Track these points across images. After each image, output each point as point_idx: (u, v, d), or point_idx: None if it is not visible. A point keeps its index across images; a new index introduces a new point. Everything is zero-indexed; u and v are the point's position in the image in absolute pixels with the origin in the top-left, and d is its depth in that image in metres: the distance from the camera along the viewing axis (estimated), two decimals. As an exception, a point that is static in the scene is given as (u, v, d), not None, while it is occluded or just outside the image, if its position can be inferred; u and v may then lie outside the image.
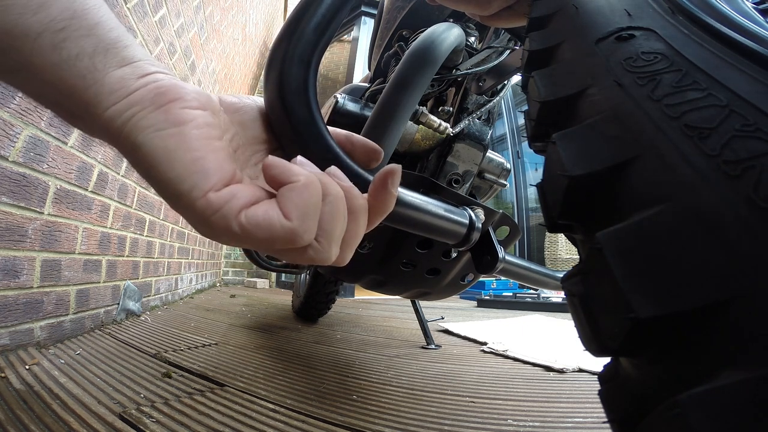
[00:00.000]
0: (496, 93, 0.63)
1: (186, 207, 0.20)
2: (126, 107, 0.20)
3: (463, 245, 0.43)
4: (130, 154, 0.20)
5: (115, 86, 0.20)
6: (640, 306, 0.13)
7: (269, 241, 0.19)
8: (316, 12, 0.26)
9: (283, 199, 0.20)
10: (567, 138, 0.20)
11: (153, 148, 0.19)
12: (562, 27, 0.26)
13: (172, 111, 0.20)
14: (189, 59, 1.80)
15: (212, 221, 0.19)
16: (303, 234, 0.20)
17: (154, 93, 0.20)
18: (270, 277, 3.34)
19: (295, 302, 1.58)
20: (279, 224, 0.19)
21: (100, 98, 0.20)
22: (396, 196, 0.24)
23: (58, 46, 0.19)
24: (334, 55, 4.32)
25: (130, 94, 0.20)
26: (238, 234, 0.19)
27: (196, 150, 0.20)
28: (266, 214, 0.19)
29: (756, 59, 0.17)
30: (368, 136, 0.43)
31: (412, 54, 0.44)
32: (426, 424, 0.59)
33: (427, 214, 0.39)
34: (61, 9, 0.19)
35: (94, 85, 0.20)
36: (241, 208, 0.19)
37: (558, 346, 1.17)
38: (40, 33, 0.19)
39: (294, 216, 0.19)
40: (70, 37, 0.19)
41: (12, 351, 0.76)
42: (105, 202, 1.15)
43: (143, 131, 0.19)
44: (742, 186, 0.13)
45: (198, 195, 0.19)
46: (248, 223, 0.19)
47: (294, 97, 0.25)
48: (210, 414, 0.57)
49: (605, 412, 0.17)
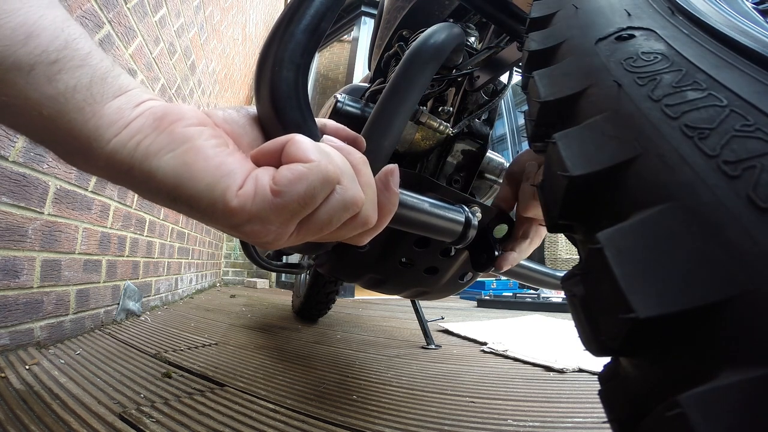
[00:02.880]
0: (497, 93, 0.63)
1: (223, 212, 0.20)
2: (129, 137, 0.20)
3: (459, 243, 0.44)
4: (147, 182, 0.20)
5: (114, 117, 0.20)
6: (640, 306, 0.13)
7: (309, 194, 0.20)
8: (305, 13, 0.25)
9: (293, 150, 0.21)
10: (567, 138, 0.20)
11: (172, 168, 0.19)
12: (562, 27, 0.26)
13: (177, 131, 0.20)
14: (189, 59, 1.80)
15: (254, 211, 0.20)
16: (328, 165, 0.21)
17: (152, 119, 0.20)
18: (270, 277, 3.34)
19: (295, 302, 1.58)
20: (304, 167, 0.20)
21: (101, 131, 0.19)
22: (398, 194, 0.25)
23: (54, 79, 0.18)
24: (334, 55, 4.32)
25: (129, 123, 0.20)
26: (282, 204, 0.20)
27: (214, 157, 0.20)
28: (290, 168, 0.20)
29: (756, 59, 0.17)
30: (368, 136, 0.43)
31: (412, 54, 0.44)
32: (426, 424, 0.59)
33: (424, 213, 0.39)
34: (51, 38, 0.18)
35: (93, 118, 0.19)
36: (269, 182, 0.20)
37: (558, 346, 1.17)
38: (33, 66, 0.18)
39: (312, 156, 0.20)
40: (64, 68, 0.19)
41: (12, 351, 0.76)
42: (105, 202, 1.15)
43: (155, 156, 0.19)
44: (742, 186, 0.13)
45: (232, 196, 0.20)
46: (281, 186, 0.20)
47: (285, 102, 0.25)
48: (210, 414, 0.57)
49: (605, 412, 0.17)
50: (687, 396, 0.12)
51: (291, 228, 0.21)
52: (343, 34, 4.07)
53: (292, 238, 0.22)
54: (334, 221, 0.22)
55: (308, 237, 0.23)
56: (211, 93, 2.32)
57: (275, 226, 0.21)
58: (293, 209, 0.20)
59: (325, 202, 0.21)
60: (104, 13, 0.99)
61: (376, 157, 0.43)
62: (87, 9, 0.92)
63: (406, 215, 0.38)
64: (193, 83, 1.93)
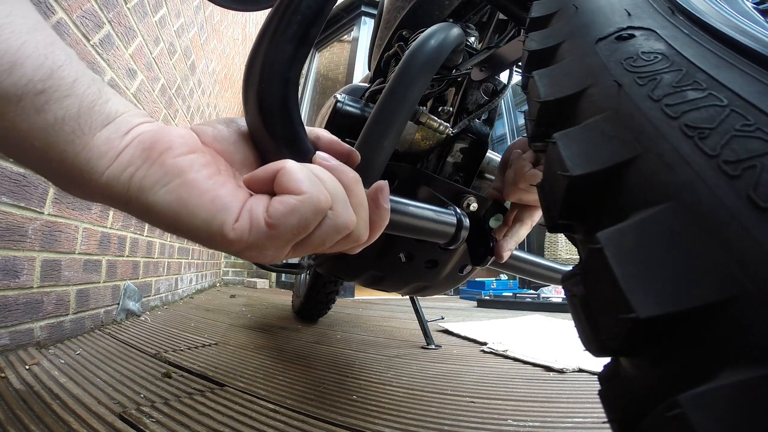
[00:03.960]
0: (497, 93, 0.63)
1: (221, 243, 0.20)
2: (120, 170, 0.20)
3: (452, 244, 0.44)
4: (147, 215, 0.20)
5: (103, 148, 0.20)
6: (640, 306, 0.13)
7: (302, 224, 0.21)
8: (291, 20, 0.24)
9: (284, 180, 0.21)
10: (567, 138, 0.20)
11: (168, 203, 0.20)
12: (562, 27, 0.26)
13: (167, 163, 0.20)
14: (189, 59, 1.80)
15: (251, 241, 0.20)
16: (319, 195, 0.21)
17: (141, 149, 0.20)
18: (270, 278, 3.34)
19: (295, 302, 1.58)
20: (296, 200, 0.21)
21: (92, 163, 0.19)
22: (389, 210, 0.26)
23: (42, 109, 0.18)
24: (334, 55, 4.32)
25: (119, 154, 0.20)
26: (276, 235, 0.20)
27: (208, 191, 0.20)
28: (282, 202, 0.21)
29: (756, 59, 0.17)
30: (368, 136, 0.43)
31: (412, 54, 0.44)
32: (426, 424, 0.59)
33: (417, 218, 0.40)
34: (35, 67, 0.18)
35: (83, 150, 0.19)
36: (263, 215, 0.21)
37: (558, 346, 1.17)
38: (20, 97, 0.18)
39: (303, 187, 0.21)
40: (51, 98, 0.18)
41: (12, 351, 0.76)
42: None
43: (150, 191, 0.20)
44: (742, 186, 0.13)
45: (228, 230, 0.20)
46: (275, 219, 0.20)
47: (275, 120, 0.24)
48: (210, 414, 0.57)
49: (605, 412, 0.17)
50: (687, 396, 0.12)
51: (286, 251, 0.22)
52: (343, 34, 4.07)
53: (289, 255, 0.23)
54: (327, 242, 0.23)
55: (303, 254, 0.24)
56: (211, 93, 2.32)
57: (271, 251, 0.21)
58: (287, 238, 0.21)
59: (317, 228, 0.22)
60: (104, 13, 0.99)
61: (376, 158, 0.43)
62: (87, 9, 0.92)
63: (399, 221, 0.39)
64: (193, 83, 1.93)
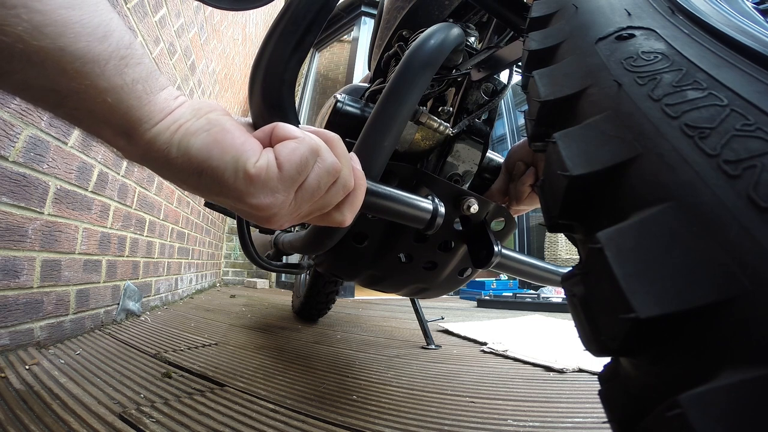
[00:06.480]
0: (497, 93, 0.63)
1: (243, 180, 0.24)
2: (171, 121, 0.25)
3: (429, 229, 0.47)
4: (180, 157, 0.25)
5: (162, 105, 0.25)
6: (640, 306, 0.13)
7: (303, 162, 0.26)
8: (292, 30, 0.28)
9: (281, 133, 0.27)
10: (567, 138, 0.20)
11: (206, 144, 0.24)
12: (562, 27, 0.26)
13: (211, 117, 0.26)
14: (189, 59, 1.80)
15: (266, 180, 0.25)
16: (311, 138, 0.27)
17: (191, 109, 0.26)
18: (270, 278, 3.34)
19: (295, 302, 1.58)
20: (295, 142, 0.26)
21: (151, 115, 0.25)
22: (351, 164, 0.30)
23: (122, 72, 0.23)
24: (334, 55, 4.32)
25: (173, 111, 0.25)
26: (285, 174, 0.25)
27: (240, 137, 0.25)
28: (284, 145, 0.26)
29: (756, 58, 0.17)
30: (368, 136, 0.43)
31: (412, 54, 0.44)
32: (426, 424, 0.59)
33: (395, 201, 0.44)
34: (119, 38, 0.23)
35: (147, 105, 0.24)
36: (273, 157, 0.25)
37: (558, 346, 1.17)
38: (107, 60, 0.22)
39: (297, 134, 0.27)
40: (129, 63, 0.24)
41: (12, 351, 0.76)
42: (105, 202, 1.15)
43: (193, 135, 0.25)
44: (742, 185, 0.13)
45: (251, 166, 0.25)
46: (283, 158, 0.25)
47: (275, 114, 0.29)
48: (210, 414, 0.57)
49: (605, 412, 0.17)
50: (687, 396, 0.12)
51: (291, 195, 0.26)
52: (343, 34, 4.07)
53: (291, 207, 0.27)
54: (321, 185, 0.27)
55: (303, 205, 0.27)
56: (211, 93, 2.32)
57: (281, 194, 0.26)
58: (293, 177, 0.25)
59: (312, 170, 0.27)
60: (104, 13, 0.99)
61: (376, 158, 0.43)
62: (87, 9, 0.92)
63: (379, 203, 0.43)
64: (193, 83, 1.93)
